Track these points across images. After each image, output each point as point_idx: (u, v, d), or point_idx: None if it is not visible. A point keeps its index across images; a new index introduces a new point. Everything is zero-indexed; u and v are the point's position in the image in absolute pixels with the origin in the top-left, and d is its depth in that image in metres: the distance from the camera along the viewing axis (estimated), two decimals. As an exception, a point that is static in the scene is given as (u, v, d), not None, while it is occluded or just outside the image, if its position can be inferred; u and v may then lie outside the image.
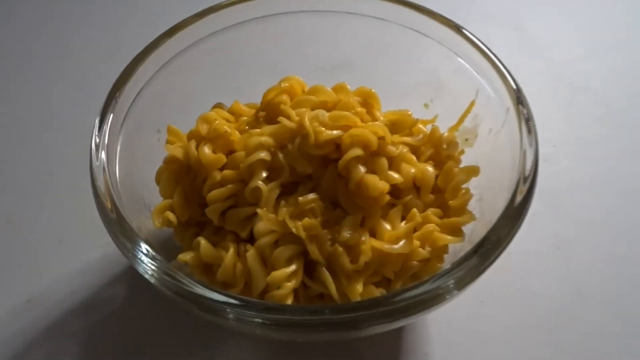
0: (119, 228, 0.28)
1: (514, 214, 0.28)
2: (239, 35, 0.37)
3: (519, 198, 0.28)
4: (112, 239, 0.28)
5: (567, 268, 0.40)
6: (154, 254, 0.27)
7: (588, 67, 0.52)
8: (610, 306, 0.38)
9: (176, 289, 0.26)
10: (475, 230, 0.32)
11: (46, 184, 0.44)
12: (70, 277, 0.39)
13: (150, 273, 0.27)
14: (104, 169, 0.30)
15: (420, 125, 0.35)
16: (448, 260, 0.32)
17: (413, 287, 0.25)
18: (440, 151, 0.34)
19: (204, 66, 0.37)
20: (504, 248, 0.27)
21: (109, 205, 0.28)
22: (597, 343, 0.36)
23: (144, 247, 0.27)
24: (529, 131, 0.30)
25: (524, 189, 0.28)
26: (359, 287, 0.29)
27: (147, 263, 0.27)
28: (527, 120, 0.30)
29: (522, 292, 0.38)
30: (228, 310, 0.25)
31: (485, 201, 0.33)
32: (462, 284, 0.26)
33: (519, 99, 0.31)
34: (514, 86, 0.32)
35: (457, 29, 0.34)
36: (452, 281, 0.26)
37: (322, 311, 0.24)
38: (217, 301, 0.25)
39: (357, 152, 0.30)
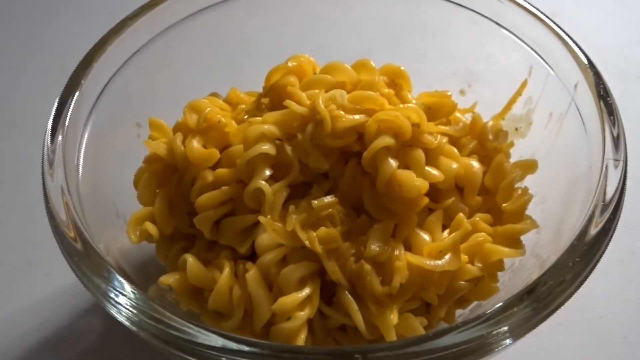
0: (86, 261, 0.25)
1: (583, 251, 0.24)
2: (239, 12, 0.35)
3: (593, 231, 0.24)
4: (76, 274, 0.25)
5: (634, 285, 0.37)
6: (131, 289, 0.24)
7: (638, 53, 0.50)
8: None
9: (157, 332, 0.23)
10: (539, 242, 0.29)
11: (8, 196, 0.42)
12: (39, 305, 0.37)
13: (125, 314, 0.24)
14: (61, 189, 0.27)
15: (458, 114, 0.33)
16: (505, 279, 0.29)
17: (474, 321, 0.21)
18: (485, 143, 0.32)
19: (196, 48, 0.35)
20: (570, 295, 0.23)
21: (72, 234, 0.26)
22: None
23: (119, 281, 0.24)
24: (617, 145, 0.26)
25: (600, 220, 0.24)
26: (394, 317, 0.26)
27: (122, 304, 0.24)
28: (608, 107, 0.26)
29: (587, 317, 0.35)
30: (224, 358, 0.22)
31: (549, 205, 0.30)
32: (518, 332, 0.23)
33: (597, 86, 0.27)
34: (585, 60, 0.28)
35: None
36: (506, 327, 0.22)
37: (351, 356, 0.20)
38: (205, 346, 0.21)
39: (386, 141, 0.27)
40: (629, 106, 0.45)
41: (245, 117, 0.31)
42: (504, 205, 0.30)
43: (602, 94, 0.27)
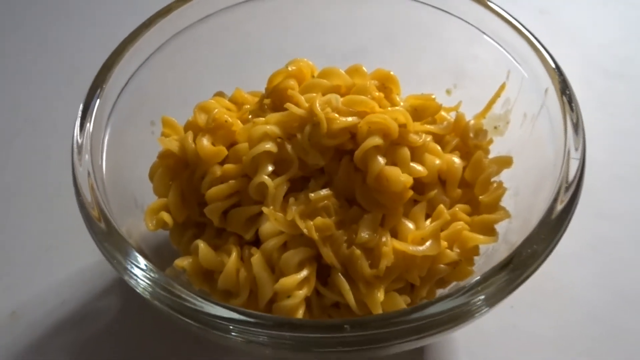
0: (109, 239, 0.27)
1: (552, 225, 0.26)
2: (243, 17, 0.36)
3: (559, 207, 0.26)
4: (101, 251, 0.27)
5: (607, 271, 0.38)
6: (146, 264, 0.26)
7: (625, 52, 0.51)
8: None
9: (171, 303, 0.24)
10: (510, 229, 0.30)
11: (30, 186, 0.43)
12: (59, 286, 0.38)
13: (142, 287, 0.25)
14: (88, 173, 0.29)
15: (444, 113, 0.34)
16: (480, 262, 0.31)
17: (444, 298, 0.24)
18: (467, 141, 0.33)
19: (204, 51, 0.36)
20: (540, 263, 0.26)
21: (96, 214, 0.27)
22: None
23: (137, 258, 0.26)
24: (576, 130, 0.28)
25: (565, 197, 0.27)
26: (380, 295, 0.28)
27: (140, 276, 0.25)
28: (572, 116, 0.28)
29: (560, 299, 0.37)
30: (231, 327, 0.24)
31: (521, 196, 0.32)
32: (493, 300, 0.25)
33: (562, 85, 0.29)
34: (553, 65, 0.30)
35: (483, 1, 0.33)
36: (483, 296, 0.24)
37: (342, 327, 0.22)
38: (219, 317, 0.23)
39: (375, 141, 0.29)
40: (612, 102, 0.47)
41: (250, 117, 0.32)
42: (481, 197, 0.31)
43: (567, 93, 0.29)
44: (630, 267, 0.38)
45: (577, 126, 0.28)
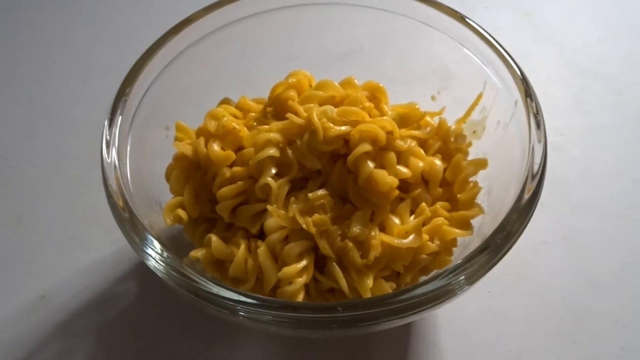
0: (132, 227, 0.28)
1: (522, 210, 0.28)
2: (245, 29, 0.37)
3: (527, 195, 0.28)
4: (125, 237, 0.29)
5: (576, 258, 0.40)
6: (167, 252, 0.27)
7: (601, 52, 0.51)
8: (621, 295, 0.38)
9: (190, 287, 0.26)
10: (484, 224, 0.32)
11: (55, 181, 0.44)
12: (82, 273, 0.40)
13: (163, 271, 0.27)
14: (115, 166, 0.30)
15: (428, 118, 0.35)
16: (457, 253, 0.33)
17: (424, 283, 0.26)
18: (448, 144, 0.34)
19: (211, 61, 0.37)
20: (513, 244, 0.28)
21: (121, 203, 0.29)
22: (610, 332, 0.37)
23: (157, 245, 0.28)
24: (538, 126, 0.30)
25: (532, 186, 0.29)
26: (369, 282, 0.30)
27: (160, 261, 0.27)
28: (535, 115, 0.30)
29: (532, 283, 0.39)
30: (240, 308, 0.26)
31: (494, 194, 0.33)
32: (473, 279, 0.27)
33: (527, 91, 0.31)
34: (522, 78, 0.32)
35: (462, 19, 0.34)
36: (463, 277, 0.26)
37: (335, 308, 0.25)
38: (231, 300, 0.26)
39: (365, 147, 0.31)
40: (586, 101, 0.48)
41: (254, 123, 0.33)
42: (459, 195, 0.33)
43: (530, 97, 0.31)
44: (597, 254, 0.40)
45: (539, 123, 0.30)
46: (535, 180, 0.29)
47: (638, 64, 0.51)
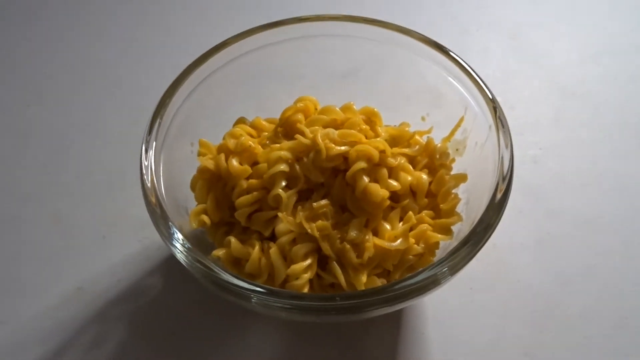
0: (163, 222, 0.30)
1: (496, 207, 0.31)
2: (260, 56, 0.40)
3: (499, 195, 0.31)
4: (158, 231, 0.31)
5: (548, 259, 0.42)
6: (194, 249, 0.30)
7: (579, 73, 0.53)
8: (587, 292, 0.41)
9: (215, 279, 0.29)
10: (462, 230, 0.34)
11: (89, 185, 0.46)
12: (115, 267, 0.42)
13: (193, 266, 0.29)
14: (151, 170, 0.32)
15: (417, 137, 0.37)
16: (439, 255, 0.35)
17: (408, 278, 0.29)
18: (434, 160, 0.36)
19: (229, 83, 0.39)
20: (489, 235, 0.30)
21: (154, 200, 0.31)
22: (575, 323, 0.39)
23: (184, 240, 0.30)
24: (506, 142, 0.34)
25: (503, 187, 0.31)
26: (364, 278, 0.32)
27: (188, 255, 0.30)
28: (504, 133, 0.34)
29: (509, 280, 0.41)
30: (254, 297, 0.28)
31: (471, 204, 0.35)
32: (455, 269, 0.29)
33: (498, 117, 0.34)
34: (494, 105, 0.34)
35: (443, 50, 0.37)
36: (446, 268, 0.29)
37: (334, 298, 0.28)
38: (248, 290, 0.28)
39: (361, 165, 0.33)
40: (565, 117, 0.51)
41: (267, 142, 0.36)
42: (441, 205, 0.35)
43: (497, 114, 0.34)
44: (567, 256, 0.42)
45: (505, 130, 0.33)
46: (506, 182, 0.31)
47: (613, 83, 0.53)
